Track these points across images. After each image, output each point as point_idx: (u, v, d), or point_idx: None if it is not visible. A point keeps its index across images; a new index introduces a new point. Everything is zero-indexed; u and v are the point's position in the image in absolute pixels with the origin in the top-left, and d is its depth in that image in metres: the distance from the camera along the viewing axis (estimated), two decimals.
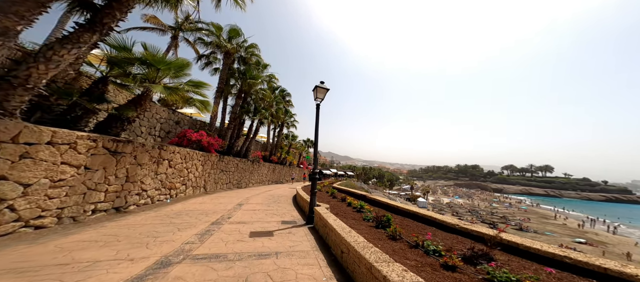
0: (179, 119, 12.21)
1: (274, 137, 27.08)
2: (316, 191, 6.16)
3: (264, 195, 12.73)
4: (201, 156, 10.83)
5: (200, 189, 11.07)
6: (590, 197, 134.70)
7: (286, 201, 10.93)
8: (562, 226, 47.98)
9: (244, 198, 10.78)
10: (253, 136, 20.02)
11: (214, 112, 14.54)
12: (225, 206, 8.22)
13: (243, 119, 17.63)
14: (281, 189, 17.76)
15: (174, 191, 8.66)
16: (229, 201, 9.62)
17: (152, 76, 7.13)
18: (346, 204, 7.50)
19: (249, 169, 18.28)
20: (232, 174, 15.51)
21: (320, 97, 6.73)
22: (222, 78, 15.21)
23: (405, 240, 3.79)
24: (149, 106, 10.16)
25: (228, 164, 14.73)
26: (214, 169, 12.51)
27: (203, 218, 6.18)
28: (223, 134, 15.45)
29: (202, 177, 11.15)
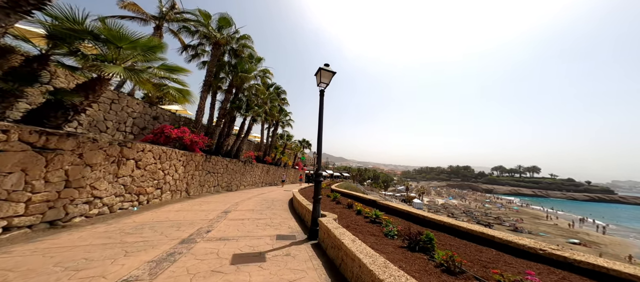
0: (158, 114, 10.58)
1: (268, 137, 25.50)
2: (320, 198, 4.78)
3: (256, 199, 11.22)
4: (182, 155, 9.24)
5: (181, 194, 9.47)
6: (575, 197, 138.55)
7: (281, 206, 9.47)
8: (554, 227, 48.18)
9: (233, 203, 9.25)
10: (245, 135, 18.44)
11: (200, 108, 12.96)
12: (207, 214, 6.69)
13: (234, 116, 16.05)
14: (275, 191, 16.25)
15: (145, 196, 7.06)
16: (213, 207, 8.08)
17: (112, 57, 5.60)
18: (355, 211, 6.13)
19: (240, 171, 16.68)
20: (221, 176, 13.91)
21: (325, 82, 5.37)
22: (210, 70, 13.64)
23: (471, 275, 2.42)
24: (119, 97, 8.54)
25: (216, 165, 13.13)
26: (199, 171, 10.91)
27: (172, 233, 4.67)
28: (211, 132, 13.85)
29: (184, 179, 9.55)
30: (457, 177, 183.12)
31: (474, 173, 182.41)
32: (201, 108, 12.99)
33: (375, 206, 6.75)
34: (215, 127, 14.10)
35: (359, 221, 4.97)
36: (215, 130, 14.00)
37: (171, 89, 7.01)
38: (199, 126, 12.70)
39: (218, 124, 14.21)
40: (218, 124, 14.21)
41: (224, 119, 15.05)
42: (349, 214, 5.87)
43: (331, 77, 5.43)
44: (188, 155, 9.78)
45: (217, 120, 14.31)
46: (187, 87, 7.38)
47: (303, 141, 37.02)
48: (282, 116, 25.49)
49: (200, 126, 12.72)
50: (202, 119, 13.00)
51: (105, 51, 5.58)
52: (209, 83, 13.66)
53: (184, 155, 9.35)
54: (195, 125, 12.56)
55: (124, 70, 5.32)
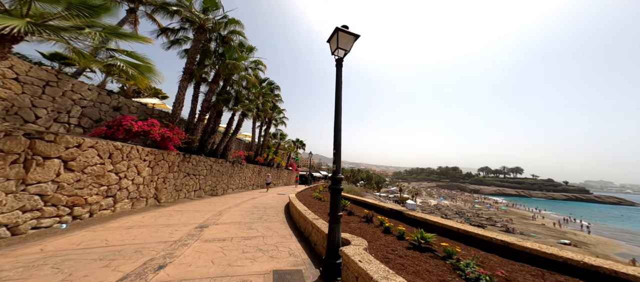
0: (121, 104, 8.44)
1: (260, 136, 23.43)
2: (340, 216, 3.05)
3: (246, 206, 9.30)
4: (149, 154, 7.21)
5: (148, 201, 7.41)
6: (554, 196, 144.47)
7: (276, 215, 7.64)
8: (542, 226, 48.81)
9: (215, 213, 7.30)
10: (234, 132, 16.39)
11: (178, 99, 10.88)
12: (173, 232, 4.77)
13: (221, 111, 14.03)
14: (268, 195, 14.33)
15: (84, 208, 5.03)
16: (187, 219, 6.12)
17: (21, 12, 3.66)
18: (381, 228, 4.41)
19: (227, 172, 14.62)
20: (205, 179, 11.84)
21: (343, 49, 3.63)
22: (191, 57, 11.60)
23: None
24: (59, 80, 6.41)
25: (198, 166, 11.07)
26: (173, 172, 8.87)
27: (91, 274, 2.78)
28: (192, 128, 11.77)
29: (152, 183, 7.50)
30: (446, 177, 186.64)
31: (462, 174, 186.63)
32: (180, 100, 10.92)
33: (401, 218, 5.08)
34: (197, 122, 12.03)
35: (398, 248, 3.27)
36: (198, 125, 11.93)
37: (122, 63, 5.03)
38: (177, 120, 10.62)
39: (201, 119, 12.15)
40: (201, 118, 12.14)
41: (208, 113, 13.01)
42: (374, 232, 4.16)
43: (352, 42, 3.69)
44: (158, 154, 7.74)
45: (200, 114, 12.24)
46: (150, 63, 5.42)
47: (297, 141, 35.11)
48: (275, 113, 23.54)
49: (177, 120, 10.64)
50: (181, 112, 10.93)
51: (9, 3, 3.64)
52: (191, 72, 11.61)
53: (151, 153, 7.31)
54: (172, 119, 10.47)
55: (29, 25, 3.36)
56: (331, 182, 3.18)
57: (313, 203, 8.02)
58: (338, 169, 3.21)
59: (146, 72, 5.36)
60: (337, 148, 3.26)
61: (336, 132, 3.33)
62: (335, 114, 3.38)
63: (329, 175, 64.74)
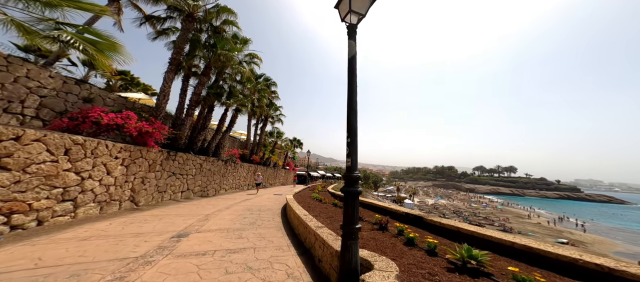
0: (93, 95, 7.33)
1: (255, 134, 22.37)
2: (358, 228, 2.14)
3: (238, 208, 8.31)
4: (122, 150, 6.17)
5: (122, 205, 6.37)
6: (547, 195, 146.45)
7: (271, 219, 6.68)
8: (538, 225, 48.84)
9: (200, 217, 6.30)
10: (227, 129, 15.34)
11: (163, 91, 9.81)
12: (137, 246, 3.76)
13: (212, 106, 12.98)
14: (263, 196, 13.33)
15: (31, 215, 4.00)
16: (163, 226, 5.12)
17: None
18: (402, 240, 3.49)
19: (220, 172, 13.58)
20: (193, 179, 10.80)
21: (358, 13, 2.66)
22: (179, 46, 10.54)
23: None
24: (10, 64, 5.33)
25: (185, 165, 10.03)
26: (155, 172, 7.83)
27: None
28: (180, 124, 10.71)
29: (127, 184, 6.46)
30: (442, 177, 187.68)
31: (458, 173, 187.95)
32: (165, 92, 9.85)
33: (422, 225, 4.17)
34: (185, 117, 10.96)
35: (437, 270, 2.36)
36: (186, 121, 10.86)
37: (74, 38, 4.00)
38: (161, 115, 9.56)
39: (189, 114, 11.08)
40: (189, 113, 11.08)
41: (197, 107, 11.95)
42: (394, 245, 3.23)
43: (369, 3, 2.71)
44: (135, 150, 6.70)
45: (189, 109, 11.17)
46: (113, 40, 4.39)
47: (294, 140, 34.14)
48: (271, 110, 22.53)
49: (162, 115, 9.59)
50: (165, 106, 9.85)
51: None
52: (178, 62, 10.55)
53: (125, 150, 6.27)
54: (155, 113, 9.41)
55: None
56: (345, 182, 2.25)
57: (313, 206, 7.10)
58: (354, 165, 2.27)
59: (108, 51, 4.34)
60: (353, 136, 2.33)
61: (350, 116, 2.40)
62: (349, 94, 2.46)
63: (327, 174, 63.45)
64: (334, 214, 5.88)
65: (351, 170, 2.25)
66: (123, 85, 17.44)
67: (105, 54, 4.24)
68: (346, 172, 2.29)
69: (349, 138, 2.27)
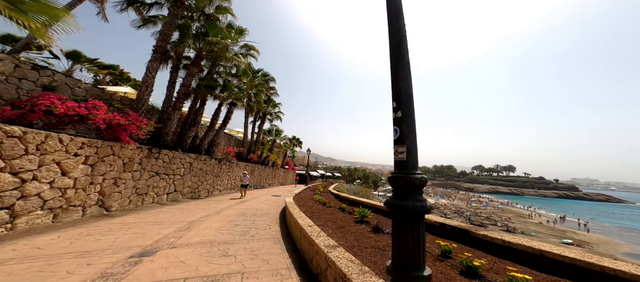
0: (56, 83, 6.19)
1: (253, 132, 21.26)
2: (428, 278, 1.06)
3: (229, 213, 7.22)
4: (84, 145, 5.08)
5: (85, 211, 5.27)
6: (546, 194, 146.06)
7: (268, 227, 5.59)
8: (540, 225, 48.06)
9: (180, 226, 5.22)
10: (222, 125, 14.24)
11: (145, 82, 8.68)
12: (66, 275, 2.64)
13: (204, 99, 11.86)
14: (261, 198, 12.26)
15: None
16: (127, 239, 4.03)
17: None
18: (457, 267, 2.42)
19: (213, 171, 12.48)
20: (182, 179, 9.70)
21: None
22: (165, 33, 9.42)
23: None
24: None
25: (171, 163, 8.93)
26: (132, 171, 6.73)
27: None
28: (166, 118, 9.61)
29: (92, 186, 5.37)
30: (441, 176, 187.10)
31: (457, 172, 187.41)
32: (148, 83, 8.72)
33: (471, 242, 3.09)
34: (173, 111, 9.84)
35: None
36: (173, 115, 9.74)
37: None
38: (143, 107, 8.45)
39: (177, 107, 9.96)
40: (177, 106, 9.95)
41: (186, 100, 10.83)
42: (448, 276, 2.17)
43: None
44: (104, 147, 5.61)
45: (176, 102, 10.05)
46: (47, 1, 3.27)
47: (293, 138, 33.01)
48: (270, 107, 21.42)
49: (144, 107, 8.47)
50: (148, 98, 8.74)
51: None
52: (164, 50, 9.43)
53: (89, 146, 5.17)
54: (136, 106, 8.29)
55: None
56: (395, 190, 1.16)
57: (317, 211, 6.03)
58: (412, 157, 1.18)
59: (37, 13, 3.20)
60: (405, 106, 1.24)
61: (399, 70, 1.31)
62: (395, 38, 1.37)
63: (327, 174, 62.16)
64: (344, 222, 4.80)
65: (407, 166, 1.16)
66: (112, 80, 16.28)
67: (28, 16, 3.09)
68: (395, 168, 1.19)
69: (400, 110, 1.18)
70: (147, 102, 8.64)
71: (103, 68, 15.26)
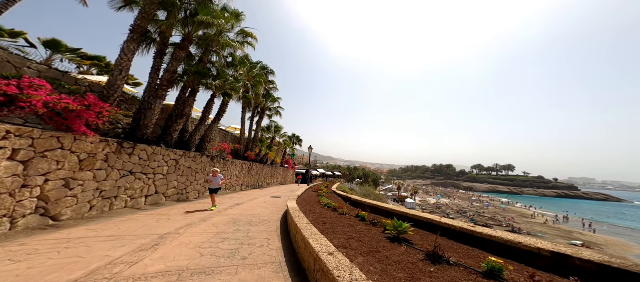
0: None
1: (251, 130, 19.83)
2: None
3: (218, 220, 5.79)
4: (8, 134, 3.68)
5: (17, 221, 3.88)
6: (545, 193, 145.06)
7: (266, 244, 4.14)
8: (545, 225, 46.84)
9: (145, 243, 3.78)
10: (216, 119, 12.82)
11: (119, 66, 7.22)
12: None
13: (195, 89, 10.43)
14: (258, 200, 10.86)
15: None
16: (43, 271, 2.62)
17: None
18: None
19: (204, 170, 11.08)
20: (166, 179, 8.30)
21: None
22: (146, 11, 7.95)
23: None
24: None
25: (150, 161, 7.52)
26: (95, 170, 5.33)
27: None
28: (147, 108, 8.18)
29: (29, 189, 3.98)
30: (440, 175, 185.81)
31: (456, 172, 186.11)
32: (122, 66, 7.27)
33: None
34: (154, 99, 8.41)
35: None
36: (154, 104, 8.31)
37: None
38: (116, 95, 7.03)
39: (160, 96, 8.53)
40: (160, 94, 8.52)
41: (172, 88, 9.41)
42: None
43: None
44: (45, 138, 4.20)
45: (159, 89, 8.61)
46: None
47: (293, 136, 31.58)
48: (269, 102, 19.97)
49: (117, 95, 7.06)
50: (123, 84, 7.31)
51: None
52: (143, 30, 7.98)
53: (19, 136, 3.77)
54: (107, 92, 6.87)
55: None
56: None
57: (330, 221, 4.63)
58: None
59: None
60: None
61: None
62: None
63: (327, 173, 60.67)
64: (373, 241, 3.34)
65: None
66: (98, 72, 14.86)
67: None
68: None
69: None
70: (120, 88, 7.21)
71: (87, 59, 13.88)
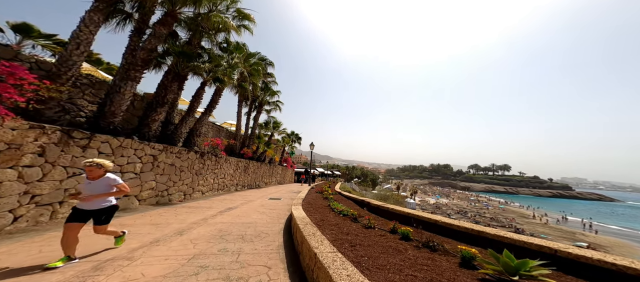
0: None
1: (248, 126, 18.21)
2: None
3: (199, 234, 4.19)
4: None
5: None
6: (540, 193, 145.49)
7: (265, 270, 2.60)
8: (545, 226, 46.00)
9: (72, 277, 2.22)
10: (207, 110, 11.19)
11: (77, 38, 5.62)
12: None
13: (181, 73, 8.80)
14: (254, 204, 9.27)
15: None
16: None
17: None
18: None
19: (192, 167, 9.48)
20: (138, 178, 6.70)
21: None
22: None
23: None
24: None
25: (116, 156, 5.92)
26: (20, 167, 3.74)
27: None
28: (116, 91, 6.55)
29: None
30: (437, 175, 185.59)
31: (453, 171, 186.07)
32: (80, 39, 5.64)
33: None
34: (124, 82, 6.76)
35: None
36: (125, 88, 6.67)
37: None
38: (70, 73, 5.42)
39: (132, 77, 6.88)
40: (132, 76, 6.87)
41: (147, 68, 7.81)
42: None
43: None
44: None
45: (131, 69, 6.94)
46: None
47: (292, 134, 29.99)
48: (267, 96, 18.35)
49: (72, 73, 5.44)
50: (80, 62, 5.67)
51: None
52: (111, 0, 6.36)
53: None
54: (57, 69, 5.26)
55: None
56: None
57: (359, 240, 3.10)
58: None
59: None
60: None
61: None
62: None
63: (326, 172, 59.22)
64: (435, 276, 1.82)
65: None
66: None
67: None
68: None
69: None
70: (76, 65, 5.58)
71: (63, 46, 12.20)
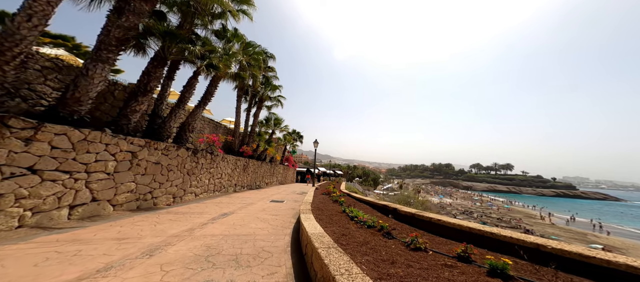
0: None
1: (248, 122, 17.05)
2: None
3: (177, 255, 2.98)
4: None
5: None
6: (544, 192, 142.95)
7: None
8: (554, 227, 44.45)
9: None
10: (201, 103, 10.01)
11: (30, 7, 4.44)
12: None
13: (165, 57, 7.62)
14: (254, 207, 8.07)
15: None
16: None
17: None
18: None
19: (182, 166, 8.32)
20: (112, 179, 5.54)
21: None
22: None
23: None
24: None
25: (79, 152, 4.74)
26: None
27: None
28: (80, 75, 5.39)
29: None
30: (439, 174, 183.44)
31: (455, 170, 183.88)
32: (34, 10, 4.46)
33: None
34: (94, 64, 5.58)
35: None
36: (93, 71, 5.49)
37: None
38: (18, 48, 4.25)
39: (103, 58, 5.69)
40: (102, 57, 5.68)
41: (124, 49, 6.65)
42: None
43: None
44: None
45: (102, 49, 5.76)
46: None
47: (293, 132, 28.78)
48: (268, 91, 17.17)
49: (19, 48, 4.27)
50: (30, 35, 4.49)
51: None
52: None
53: None
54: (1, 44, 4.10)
55: None
56: None
57: (409, 270, 1.88)
58: None
59: None
60: None
61: None
62: None
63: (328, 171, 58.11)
64: None
65: None
66: None
67: None
68: None
69: None
70: (27, 41, 4.40)
71: (48, 37, 11.28)
